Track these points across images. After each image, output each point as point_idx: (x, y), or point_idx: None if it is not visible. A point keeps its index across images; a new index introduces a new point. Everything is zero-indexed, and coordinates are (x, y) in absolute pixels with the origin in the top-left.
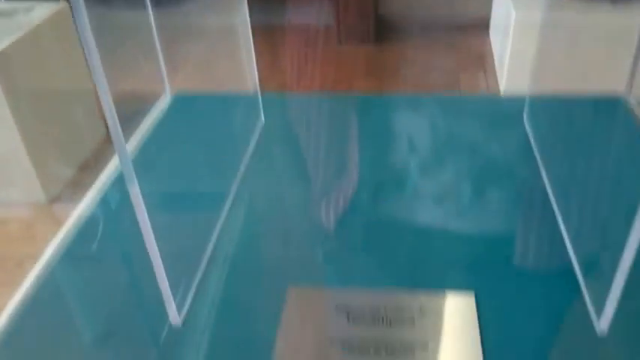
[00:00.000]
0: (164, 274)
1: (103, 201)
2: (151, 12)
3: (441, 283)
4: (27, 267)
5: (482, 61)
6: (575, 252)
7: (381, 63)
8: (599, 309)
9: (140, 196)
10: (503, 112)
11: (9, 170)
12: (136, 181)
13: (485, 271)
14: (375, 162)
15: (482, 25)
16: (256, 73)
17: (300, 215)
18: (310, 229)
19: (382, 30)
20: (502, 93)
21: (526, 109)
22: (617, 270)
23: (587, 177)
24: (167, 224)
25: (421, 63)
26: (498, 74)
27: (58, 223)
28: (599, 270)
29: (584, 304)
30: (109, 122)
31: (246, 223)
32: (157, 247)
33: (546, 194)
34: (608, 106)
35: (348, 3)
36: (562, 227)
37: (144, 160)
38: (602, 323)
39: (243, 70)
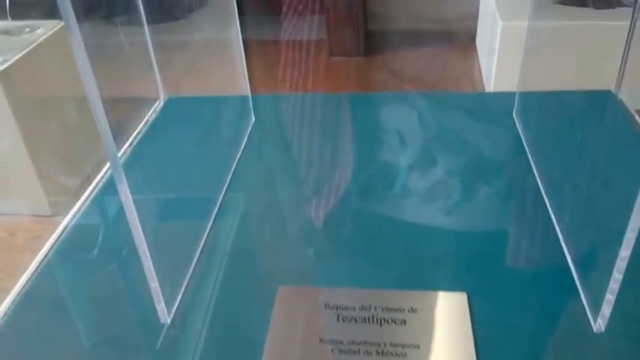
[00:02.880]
0: (153, 273)
1: (96, 203)
2: (146, 28)
3: (433, 283)
4: None
5: (470, 71)
6: (570, 249)
7: (370, 74)
8: (595, 307)
9: (129, 196)
10: (493, 108)
11: (15, 182)
12: (124, 180)
13: (477, 270)
14: (364, 159)
15: (469, 36)
16: (247, 78)
17: (290, 214)
18: (301, 227)
19: (372, 43)
20: None
21: (516, 105)
22: (614, 267)
23: (579, 172)
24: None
25: (409, 74)
26: (486, 84)
27: None
28: (595, 267)
29: (579, 302)
30: (99, 124)
31: (237, 222)
32: (146, 246)
33: (538, 190)
34: (598, 101)
35: (339, 18)
36: (555, 224)
37: (137, 161)
38: (599, 322)
39: (236, 78)
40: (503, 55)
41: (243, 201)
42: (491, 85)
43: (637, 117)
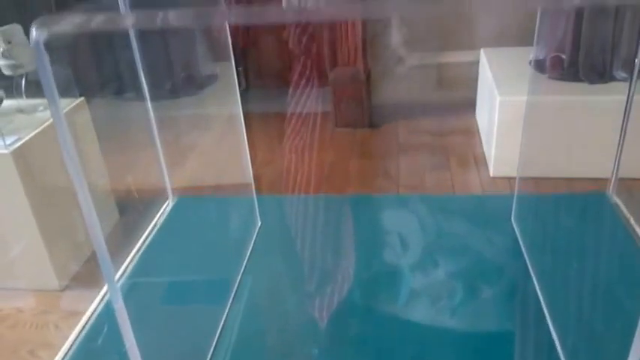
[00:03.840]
0: None
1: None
2: (153, 120)
3: None
4: (40, 355)
5: (470, 141)
6: (565, 353)
7: (374, 145)
8: None
9: (125, 313)
10: (492, 211)
11: (25, 257)
12: (121, 301)
13: None
14: (367, 261)
15: (468, 107)
16: (250, 164)
17: (296, 321)
18: (306, 330)
19: (376, 115)
20: (491, 174)
21: (514, 208)
22: None
23: (575, 278)
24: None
25: (412, 145)
26: (486, 154)
27: (71, 311)
28: None
29: None
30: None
31: (246, 321)
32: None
33: (536, 295)
34: (593, 204)
35: (343, 92)
36: (551, 328)
37: (148, 263)
38: None
39: (238, 161)
40: (502, 127)
41: (250, 309)
42: (491, 156)
43: (632, 221)
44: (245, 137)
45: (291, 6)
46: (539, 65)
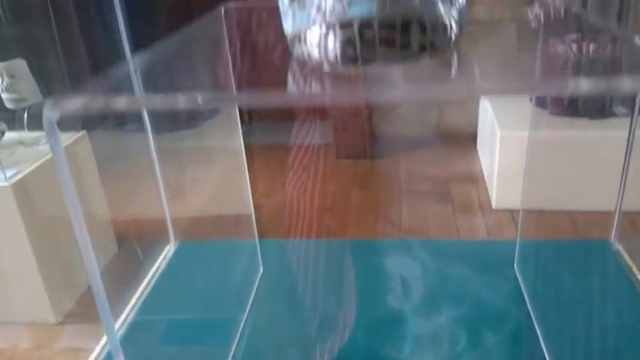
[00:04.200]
0: None
1: None
2: (154, 154)
3: None
4: None
5: (472, 173)
6: None
7: (376, 176)
8: None
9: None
10: (494, 257)
11: (21, 291)
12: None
13: None
14: (370, 306)
15: (470, 139)
16: (251, 203)
17: None
18: None
19: (378, 146)
20: (493, 206)
21: (517, 255)
22: None
23: (578, 327)
24: None
25: (413, 177)
26: (488, 187)
27: (67, 347)
28: None
29: None
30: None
31: None
32: None
33: (538, 342)
34: (596, 252)
35: (345, 124)
36: None
37: (150, 309)
38: None
39: (240, 197)
40: (503, 161)
41: (253, 357)
42: (493, 188)
43: (635, 269)
44: (246, 171)
45: (297, 89)
46: (539, 101)
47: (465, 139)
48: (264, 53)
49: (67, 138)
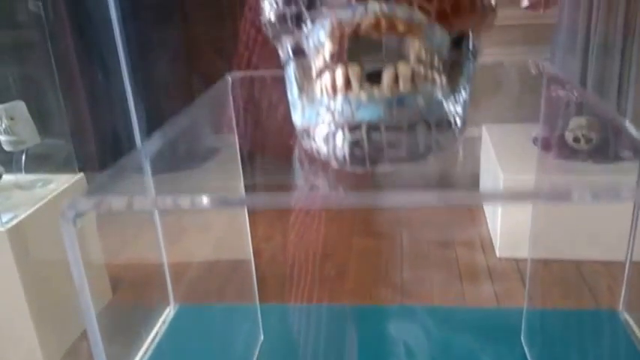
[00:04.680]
0: None
1: None
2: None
3: None
4: None
5: (475, 220)
6: None
7: (379, 223)
8: None
9: None
10: (501, 327)
11: (12, 335)
12: None
13: None
14: None
15: (472, 184)
16: (255, 289)
17: None
18: None
19: (378, 189)
20: (497, 254)
21: (523, 325)
22: None
23: None
24: None
25: (414, 221)
26: (492, 233)
27: None
28: None
29: None
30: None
31: None
32: None
33: None
34: (605, 322)
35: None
36: None
37: None
38: None
39: (239, 241)
40: (507, 208)
41: None
42: (497, 237)
43: None
44: (246, 216)
45: (305, 185)
46: (545, 144)
47: (467, 182)
48: (271, 128)
49: (65, 180)
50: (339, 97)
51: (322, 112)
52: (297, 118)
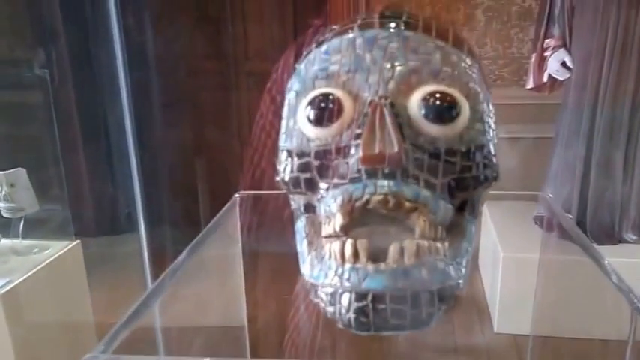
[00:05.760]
0: None
1: None
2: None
3: None
4: None
5: (474, 293)
6: None
7: None
8: None
9: None
10: None
11: None
12: None
13: None
14: None
15: (471, 258)
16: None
17: None
18: None
19: None
20: (495, 329)
21: None
22: None
23: None
24: None
25: None
26: (490, 309)
27: None
28: None
29: None
30: None
31: None
32: None
33: None
34: None
35: None
36: None
37: None
38: None
39: (234, 308)
40: (506, 283)
41: None
42: (495, 313)
43: None
44: (242, 283)
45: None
46: (548, 224)
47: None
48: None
49: (61, 247)
50: (347, 265)
51: (330, 274)
52: (306, 271)
